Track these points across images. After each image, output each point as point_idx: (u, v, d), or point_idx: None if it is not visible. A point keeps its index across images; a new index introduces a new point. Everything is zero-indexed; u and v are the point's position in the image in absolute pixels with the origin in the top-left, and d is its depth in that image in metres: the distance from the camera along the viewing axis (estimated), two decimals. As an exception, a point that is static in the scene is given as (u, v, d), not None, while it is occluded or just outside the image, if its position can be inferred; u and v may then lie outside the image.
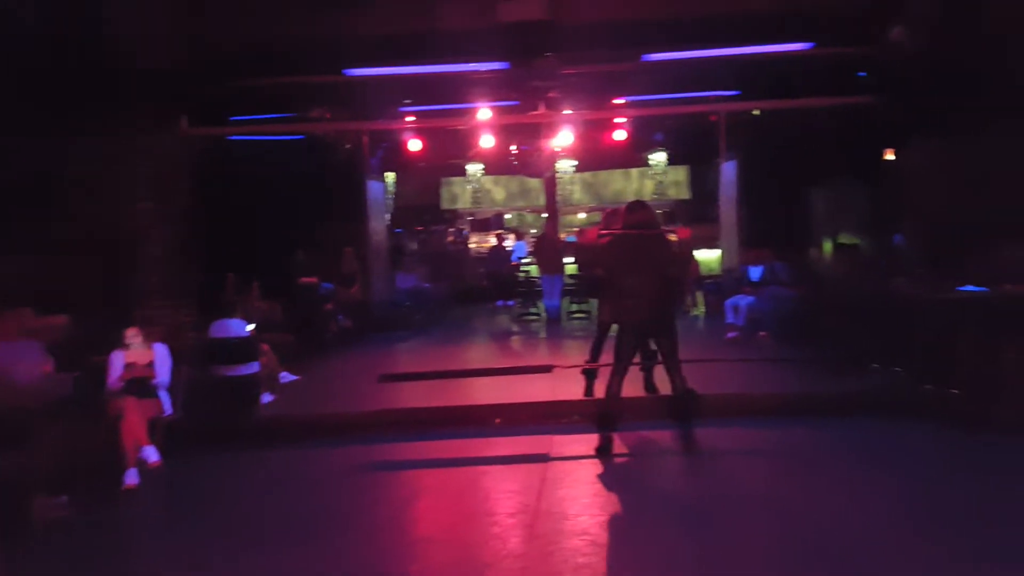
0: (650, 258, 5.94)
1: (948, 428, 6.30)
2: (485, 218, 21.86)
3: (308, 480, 5.99)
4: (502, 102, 11.20)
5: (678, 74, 10.54)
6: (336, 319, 11.60)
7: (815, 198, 12.93)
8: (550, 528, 4.63)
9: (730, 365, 8.45)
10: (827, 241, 12.30)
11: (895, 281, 8.35)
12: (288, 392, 8.42)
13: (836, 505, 4.89)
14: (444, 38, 8.24)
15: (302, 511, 5.26)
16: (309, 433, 7.03)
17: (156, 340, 6.69)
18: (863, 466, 5.65)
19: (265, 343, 8.31)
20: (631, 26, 8.09)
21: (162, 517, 5.62)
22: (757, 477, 5.56)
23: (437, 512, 5.23)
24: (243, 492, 5.80)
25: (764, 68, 9.55)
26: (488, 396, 7.58)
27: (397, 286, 13.82)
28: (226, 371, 7.58)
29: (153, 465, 6.02)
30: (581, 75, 10.29)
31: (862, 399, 7.10)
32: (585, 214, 21.30)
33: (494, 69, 9.72)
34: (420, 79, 10.29)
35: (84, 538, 5.03)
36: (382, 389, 7.46)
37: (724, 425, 6.58)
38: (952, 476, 5.33)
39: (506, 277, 15.08)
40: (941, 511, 4.70)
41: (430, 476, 5.90)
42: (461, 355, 10.55)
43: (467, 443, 6.57)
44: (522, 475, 5.70)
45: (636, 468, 5.93)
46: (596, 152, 17.09)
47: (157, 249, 8.30)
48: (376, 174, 14.02)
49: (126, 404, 6.07)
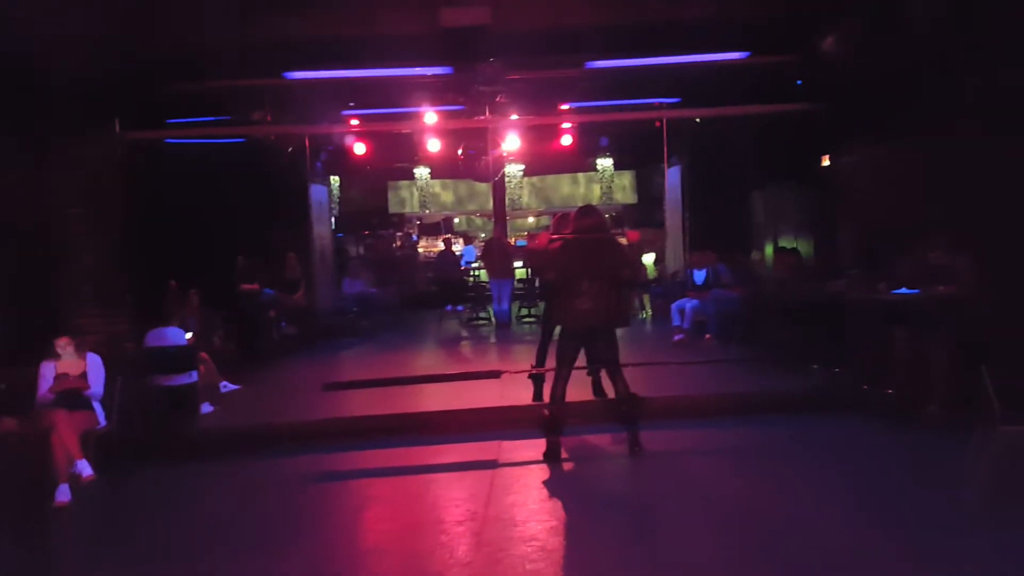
0: (602, 262, 5.95)
1: (883, 426, 6.47)
2: (433, 222, 21.75)
3: (249, 493, 5.83)
4: (447, 106, 11.17)
5: (621, 81, 10.65)
6: (279, 326, 11.41)
7: (756, 202, 13.19)
8: (498, 535, 4.59)
9: (677, 368, 8.53)
10: (768, 244, 12.56)
11: (833, 284, 8.55)
12: (228, 402, 8.23)
13: (780, 503, 4.97)
14: (386, 42, 8.17)
15: (243, 525, 5.13)
16: (250, 444, 6.86)
17: (89, 349, 6.48)
18: (805, 464, 5.77)
19: (204, 352, 8.13)
20: (573, 33, 8.13)
21: (95, 536, 5.39)
22: (704, 478, 5.60)
23: (384, 522, 5.15)
24: (181, 507, 5.62)
25: (704, 76, 9.70)
26: (436, 403, 7.51)
27: (343, 292, 13.65)
28: (163, 381, 7.40)
29: (87, 480, 5.81)
30: (526, 81, 10.31)
31: (803, 399, 7.25)
32: (534, 218, 21.34)
33: (438, 74, 9.68)
34: (363, 83, 10.20)
35: (9, 561, 4.80)
36: (327, 398, 7.33)
37: (671, 427, 6.64)
38: (886, 472, 5.47)
39: (455, 282, 15.02)
40: (876, 505, 4.81)
41: (377, 485, 5.81)
42: (409, 361, 10.45)
43: (415, 451, 6.49)
44: (470, 482, 5.65)
45: (584, 472, 5.92)
46: (543, 157, 17.15)
47: (89, 256, 8.06)
48: (320, 178, 13.84)
49: (57, 416, 5.86)
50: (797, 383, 7.70)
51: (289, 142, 11.97)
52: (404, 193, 20.56)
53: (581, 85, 10.81)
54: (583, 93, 11.11)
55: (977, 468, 4.85)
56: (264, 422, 7.37)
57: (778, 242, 12.11)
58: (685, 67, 9.24)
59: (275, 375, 9.88)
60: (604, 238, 6.20)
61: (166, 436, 7.04)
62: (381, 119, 12.57)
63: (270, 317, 11.09)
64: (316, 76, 9.34)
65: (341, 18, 7.74)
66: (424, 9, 7.58)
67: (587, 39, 8.34)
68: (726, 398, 7.32)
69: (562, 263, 6.00)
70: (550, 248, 6.15)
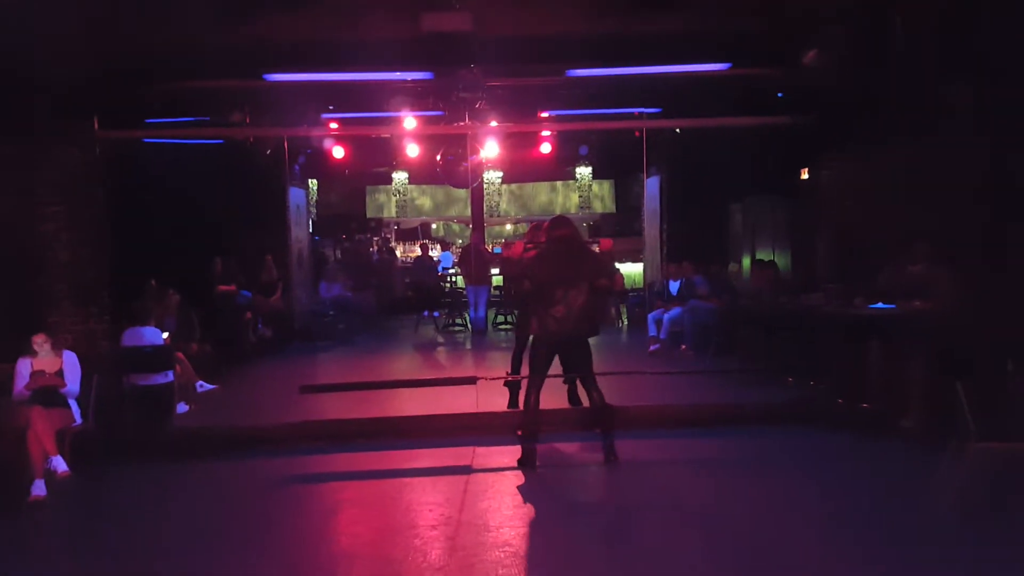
0: (577, 271, 6.00)
1: (857, 440, 6.53)
2: (411, 227, 21.72)
3: (223, 493, 5.82)
4: (427, 112, 11.19)
5: (602, 90, 10.71)
6: (255, 328, 11.36)
7: (735, 214, 13.32)
8: (472, 540, 4.61)
9: (652, 377, 8.59)
10: (746, 256, 12.67)
11: (810, 297, 8.64)
12: (204, 402, 8.19)
13: (751, 513, 5.03)
14: (367, 46, 8.16)
15: (216, 526, 5.12)
16: (226, 445, 6.83)
17: (66, 347, 6.46)
18: (778, 476, 5.83)
19: (180, 352, 8.08)
20: (554, 41, 8.18)
21: (68, 531, 5.37)
22: (677, 487, 5.65)
23: (358, 525, 5.15)
24: (154, 505, 5.59)
25: (685, 87, 9.79)
26: (412, 407, 7.53)
27: (320, 295, 13.62)
28: (139, 380, 7.37)
29: (62, 476, 5.79)
30: (506, 87, 10.36)
31: (778, 412, 7.30)
32: (511, 225, 21.39)
33: (418, 79, 9.69)
34: (343, 86, 10.18)
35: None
36: (302, 400, 7.31)
37: (645, 436, 6.70)
38: (859, 485, 5.53)
39: (431, 287, 15.02)
40: (847, 517, 4.88)
41: (351, 489, 5.81)
42: (385, 366, 10.44)
43: (389, 455, 6.50)
44: (445, 487, 5.67)
45: (558, 479, 5.95)
46: (522, 164, 17.19)
47: (66, 254, 7.99)
48: (298, 181, 13.80)
49: (33, 413, 5.84)
50: (772, 396, 7.75)
51: (268, 144, 11.93)
52: (382, 198, 20.52)
53: (561, 93, 10.86)
54: (563, 101, 11.17)
55: (951, 484, 4.92)
56: (239, 423, 7.34)
57: (756, 254, 12.23)
58: (666, 77, 9.32)
59: (251, 376, 9.85)
60: (579, 247, 6.26)
61: (141, 435, 7.00)
62: (360, 123, 12.55)
63: (247, 319, 11.03)
64: (296, 79, 9.32)
65: (322, 21, 7.72)
66: (406, 13, 7.57)
67: (568, 47, 8.39)
68: (701, 409, 7.36)
69: (537, 272, 6.05)
70: (525, 257, 6.18)
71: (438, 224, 22.08)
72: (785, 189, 11.45)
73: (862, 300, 7.53)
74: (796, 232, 11.29)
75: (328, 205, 19.29)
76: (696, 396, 7.80)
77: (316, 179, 17.51)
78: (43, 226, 7.99)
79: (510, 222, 21.29)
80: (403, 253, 19.81)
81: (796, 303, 8.62)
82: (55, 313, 7.75)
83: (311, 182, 16.85)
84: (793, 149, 10.23)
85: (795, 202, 11.22)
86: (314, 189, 17.50)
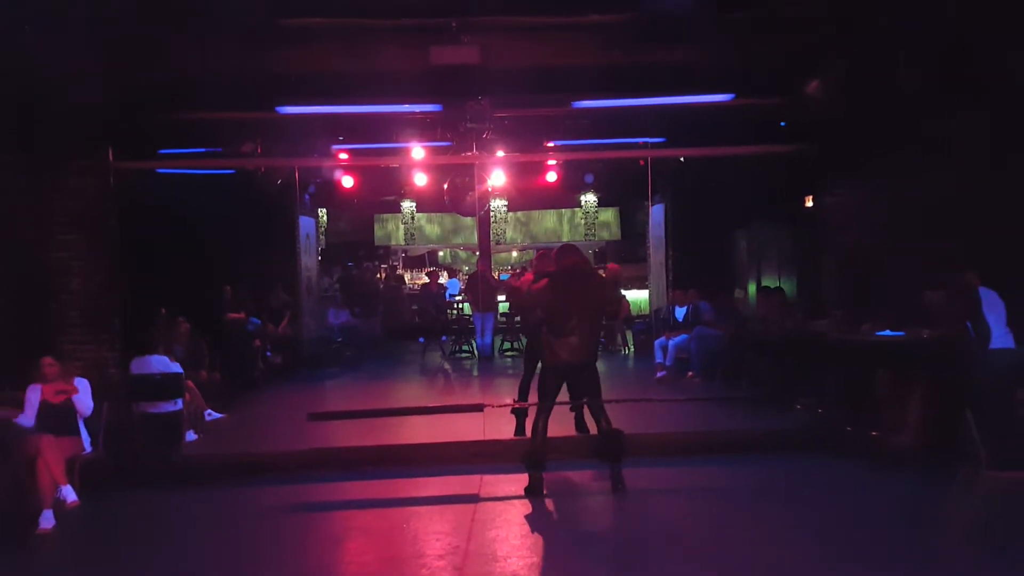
0: (586, 299, 6.07)
1: (866, 467, 6.51)
2: (418, 255, 21.84)
3: (231, 521, 5.85)
4: (435, 142, 11.32)
5: (607, 120, 10.83)
6: (264, 355, 11.42)
7: (740, 241, 13.38)
8: (479, 570, 4.63)
9: (659, 405, 8.60)
10: (752, 283, 12.71)
11: (816, 324, 8.65)
12: (213, 430, 8.24)
13: (761, 541, 5.02)
14: (378, 78, 8.28)
15: (225, 554, 5.15)
16: (234, 473, 6.87)
17: (77, 374, 6.51)
18: (788, 505, 5.82)
19: (190, 380, 8.14)
20: (560, 72, 8.29)
21: (78, 562, 5.38)
22: (685, 516, 5.66)
23: (365, 554, 5.17)
24: (163, 534, 5.62)
25: (689, 117, 9.89)
26: (419, 435, 7.56)
27: (328, 322, 13.70)
28: (148, 408, 7.41)
29: (71, 505, 5.80)
30: (512, 118, 10.48)
31: (786, 438, 7.29)
32: (517, 252, 21.48)
33: (427, 111, 9.82)
34: (353, 118, 10.32)
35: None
36: (310, 428, 7.35)
37: (654, 464, 6.72)
38: (868, 514, 5.51)
39: (439, 314, 15.10)
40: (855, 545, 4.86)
41: (358, 517, 5.83)
42: (392, 393, 10.48)
43: (397, 483, 6.52)
44: (452, 516, 5.69)
45: (566, 508, 5.96)
46: (528, 192, 17.32)
47: (78, 282, 8.08)
48: (308, 210, 13.94)
49: (43, 442, 5.84)
50: (780, 423, 7.76)
51: (279, 174, 12.07)
52: (390, 226, 20.65)
53: (567, 123, 10.99)
54: (569, 131, 11.27)
55: (960, 512, 4.91)
56: (248, 451, 7.39)
57: (761, 281, 12.27)
58: (671, 108, 9.42)
59: (260, 404, 9.89)
60: (588, 275, 6.33)
61: (151, 463, 7.03)
62: (370, 153, 12.67)
63: (256, 346, 11.10)
64: (308, 111, 9.46)
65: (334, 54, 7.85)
66: (415, 47, 7.70)
67: (575, 79, 8.50)
68: (709, 436, 7.37)
69: (549, 302, 6.10)
70: (535, 288, 6.24)
71: (445, 251, 22.19)
72: (790, 216, 11.50)
73: (870, 327, 7.54)
74: (801, 258, 11.33)
75: (337, 233, 19.42)
76: (703, 423, 7.81)
77: (325, 208, 17.67)
78: (57, 253, 8.08)
79: (516, 249, 21.38)
80: (411, 280, 19.91)
81: (803, 330, 8.65)
82: (66, 340, 7.81)
83: (320, 211, 16.99)
84: (797, 176, 10.29)
85: (800, 229, 11.27)
86: (323, 217, 17.64)
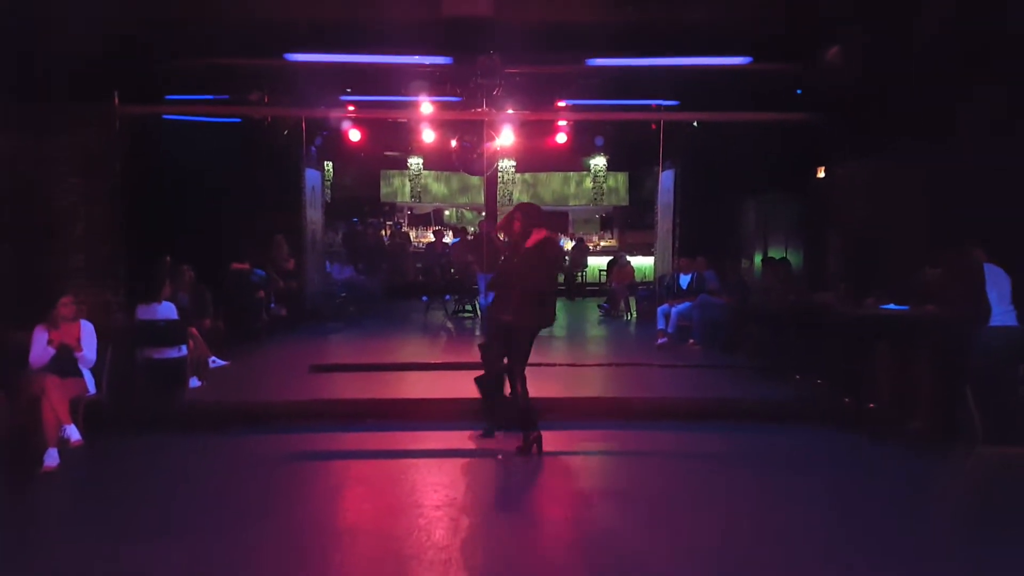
0: (553, 267, 6.31)
1: (862, 440, 6.54)
2: (424, 213, 21.77)
3: (231, 467, 5.89)
4: (444, 97, 11.20)
5: (620, 80, 10.69)
6: (268, 307, 11.43)
7: (748, 210, 13.29)
8: (475, 521, 4.67)
9: (658, 370, 8.62)
10: (758, 253, 12.65)
11: (821, 295, 8.62)
12: (216, 378, 8.28)
13: (754, 508, 5.04)
14: (388, 28, 8.16)
15: (223, 499, 5.19)
16: (236, 420, 6.92)
17: (82, 317, 6.53)
18: (780, 472, 5.83)
19: (194, 327, 8.16)
20: (575, 29, 8.17)
21: (77, 501, 5.43)
22: (679, 478, 5.69)
23: (362, 503, 5.21)
24: (163, 478, 5.66)
25: (704, 80, 9.75)
26: (420, 390, 7.60)
27: (333, 276, 13.69)
28: (153, 353, 7.45)
29: (75, 444, 5.89)
30: (524, 75, 10.35)
31: (783, 408, 7.32)
32: (523, 214, 21.37)
33: (437, 63, 9.70)
34: (362, 68, 10.20)
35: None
36: (312, 379, 7.41)
37: (650, 428, 6.76)
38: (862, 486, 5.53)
39: (443, 273, 15.09)
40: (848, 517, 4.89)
41: (357, 467, 5.87)
42: (394, 349, 10.50)
43: (396, 436, 6.56)
44: (449, 468, 5.73)
45: (560, 464, 5.99)
46: (537, 153, 17.20)
47: (82, 227, 8.06)
48: (314, 162, 13.84)
49: (48, 382, 5.92)
50: (777, 393, 7.78)
51: (285, 124, 11.97)
52: (396, 182, 20.57)
53: (579, 83, 10.85)
54: (581, 91, 11.14)
55: (958, 486, 4.92)
56: (250, 399, 7.44)
57: (768, 251, 12.21)
58: (685, 69, 9.28)
59: (263, 354, 9.95)
60: (553, 242, 6.28)
61: (153, 407, 7.08)
62: (378, 106, 12.56)
63: (259, 297, 11.10)
64: (316, 59, 9.34)
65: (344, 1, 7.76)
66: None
67: (588, 36, 8.38)
68: (705, 402, 7.39)
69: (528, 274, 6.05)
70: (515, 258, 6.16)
71: (451, 211, 22.10)
72: (799, 187, 11.41)
73: (874, 300, 7.51)
74: (809, 230, 11.26)
75: (343, 187, 19.35)
76: (701, 391, 7.84)
77: (332, 161, 17.56)
78: (60, 198, 8.05)
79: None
80: (416, 238, 19.87)
81: (807, 301, 8.62)
82: (70, 285, 7.81)
83: (327, 164, 16.89)
84: (809, 147, 10.17)
85: (809, 200, 11.17)
86: (329, 171, 17.55)
